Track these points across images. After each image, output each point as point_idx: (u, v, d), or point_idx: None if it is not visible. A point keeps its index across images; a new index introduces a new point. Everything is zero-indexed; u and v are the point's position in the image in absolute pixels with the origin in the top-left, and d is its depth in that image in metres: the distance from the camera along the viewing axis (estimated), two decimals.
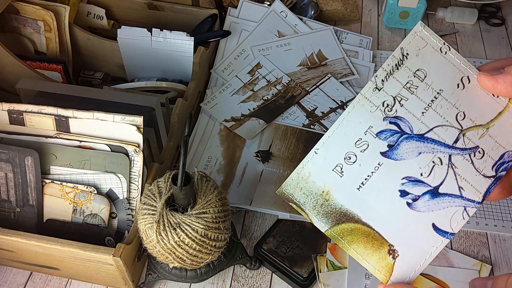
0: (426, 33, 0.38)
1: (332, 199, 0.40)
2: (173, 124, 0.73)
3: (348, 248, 0.39)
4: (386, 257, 0.39)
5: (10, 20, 0.82)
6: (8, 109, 0.62)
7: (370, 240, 0.39)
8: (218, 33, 0.91)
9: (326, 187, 0.40)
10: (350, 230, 0.40)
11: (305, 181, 0.40)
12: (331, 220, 0.40)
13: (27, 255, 0.62)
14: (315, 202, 0.40)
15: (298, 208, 0.40)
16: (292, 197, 0.40)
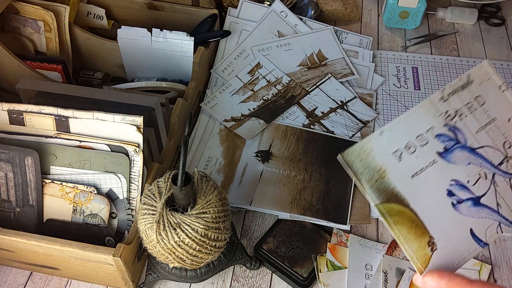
0: (491, 70, 0.45)
1: (387, 178, 0.43)
2: (173, 124, 0.73)
3: (393, 227, 0.42)
4: (425, 247, 0.42)
5: (10, 20, 0.82)
6: (8, 109, 0.62)
7: (413, 226, 0.42)
8: (218, 33, 0.91)
9: (384, 166, 0.43)
10: (397, 211, 0.42)
11: (366, 155, 0.43)
12: (383, 196, 0.42)
13: (27, 255, 0.62)
14: (371, 175, 0.43)
15: (355, 177, 0.43)
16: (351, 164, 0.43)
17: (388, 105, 0.87)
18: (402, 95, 0.89)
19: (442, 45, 0.99)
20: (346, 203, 0.71)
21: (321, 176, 0.75)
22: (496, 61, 0.95)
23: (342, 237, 0.68)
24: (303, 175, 0.75)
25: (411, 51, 0.98)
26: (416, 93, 0.89)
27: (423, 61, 0.95)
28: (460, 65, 0.94)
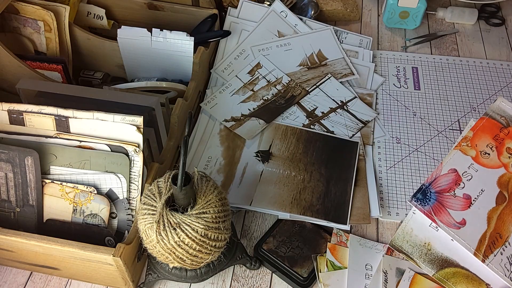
0: None
1: (433, 248, 0.48)
2: (173, 124, 0.73)
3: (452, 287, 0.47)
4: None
5: (10, 20, 0.82)
6: (8, 109, 0.62)
7: (470, 280, 0.47)
8: (218, 33, 0.91)
9: (427, 239, 0.48)
10: (452, 274, 0.48)
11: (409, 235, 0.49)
12: (436, 265, 0.48)
13: (27, 255, 0.62)
14: (420, 251, 0.49)
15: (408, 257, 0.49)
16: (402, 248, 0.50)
17: (388, 105, 0.87)
18: (402, 95, 0.89)
19: (442, 45, 0.99)
20: (346, 203, 0.71)
21: (321, 176, 0.75)
22: (496, 61, 0.95)
23: (342, 237, 0.68)
24: (303, 175, 0.75)
25: (411, 51, 0.98)
26: (416, 93, 0.89)
27: (423, 61, 0.95)
28: (460, 65, 0.94)
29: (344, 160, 0.77)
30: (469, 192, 0.50)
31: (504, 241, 0.47)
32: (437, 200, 0.49)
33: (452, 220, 0.48)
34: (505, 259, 0.47)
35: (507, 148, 0.51)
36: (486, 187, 0.50)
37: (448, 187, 0.50)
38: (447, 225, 0.48)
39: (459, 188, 0.50)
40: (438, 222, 0.48)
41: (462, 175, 0.50)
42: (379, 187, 0.75)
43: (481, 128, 0.52)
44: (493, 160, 0.51)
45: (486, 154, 0.51)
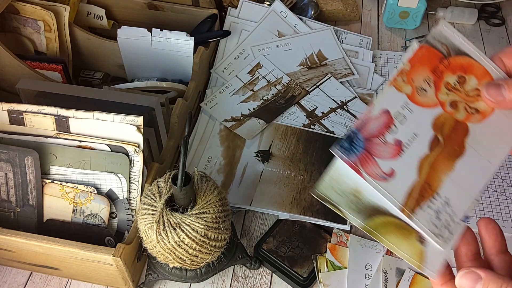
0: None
1: (363, 197, 0.42)
2: (173, 124, 0.73)
3: (382, 239, 0.42)
4: (415, 243, 0.42)
5: (10, 20, 0.82)
6: (8, 109, 0.62)
7: (400, 230, 0.42)
8: (218, 33, 0.91)
9: (356, 186, 0.42)
10: (382, 223, 0.42)
11: (338, 183, 0.42)
12: (365, 215, 0.42)
13: (27, 255, 0.62)
14: (348, 200, 0.42)
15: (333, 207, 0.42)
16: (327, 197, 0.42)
17: None
18: None
19: None
20: None
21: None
22: None
23: (342, 237, 0.68)
24: (303, 175, 0.75)
25: None
26: None
27: None
28: None
29: None
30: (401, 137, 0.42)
31: (433, 192, 0.42)
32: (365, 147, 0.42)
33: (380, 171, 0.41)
34: (433, 213, 0.42)
35: (445, 83, 0.43)
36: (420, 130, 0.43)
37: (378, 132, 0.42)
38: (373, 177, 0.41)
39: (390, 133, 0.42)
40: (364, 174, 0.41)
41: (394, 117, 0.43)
42: None
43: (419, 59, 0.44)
44: (430, 98, 0.43)
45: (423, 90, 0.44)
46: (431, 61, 0.44)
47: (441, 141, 0.43)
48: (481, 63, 0.44)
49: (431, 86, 0.44)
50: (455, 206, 0.43)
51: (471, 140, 0.43)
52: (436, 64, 0.44)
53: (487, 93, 0.42)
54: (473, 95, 0.44)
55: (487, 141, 0.44)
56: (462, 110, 0.44)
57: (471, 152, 0.44)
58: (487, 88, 0.42)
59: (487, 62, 0.44)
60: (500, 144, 0.44)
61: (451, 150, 0.43)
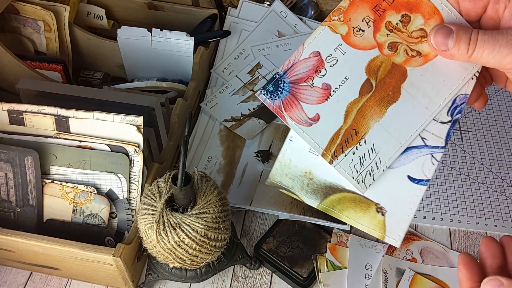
0: None
1: (315, 177, 0.41)
2: (173, 124, 0.73)
3: (340, 216, 0.41)
4: (376, 215, 0.41)
5: (10, 20, 0.82)
6: (8, 109, 0.62)
7: (358, 204, 0.41)
8: (218, 33, 0.91)
9: (307, 168, 0.41)
10: (338, 200, 0.41)
11: (288, 167, 0.41)
12: (319, 195, 0.42)
13: (27, 255, 0.62)
14: (301, 183, 0.41)
15: (289, 192, 0.42)
16: (281, 184, 0.42)
17: None
18: None
19: None
20: None
21: None
22: None
23: (342, 237, 0.68)
24: None
25: None
26: None
27: None
28: None
29: None
30: (330, 81, 0.40)
31: (359, 139, 0.40)
32: (291, 92, 0.40)
33: (304, 116, 0.40)
34: (356, 159, 0.40)
35: (387, 22, 0.40)
36: (352, 74, 0.40)
37: (306, 75, 0.40)
38: (296, 122, 0.40)
39: (319, 76, 0.40)
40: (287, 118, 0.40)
41: (325, 59, 0.40)
42: None
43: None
44: (366, 40, 0.40)
45: (360, 31, 0.40)
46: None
47: (373, 85, 0.41)
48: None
49: (369, 26, 0.41)
50: (382, 153, 0.41)
51: (408, 85, 0.41)
52: (379, 1, 0.40)
53: (433, 38, 0.39)
54: (416, 36, 0.41)
55: (427, 86, 0.41)
56: (402, 52, 0.41)
57: (406, 97, 0.41)
58: (436, 33, 0.39)
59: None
60: (441, 90, 0.41)
61: (383, 95, 0.41)
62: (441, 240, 0.69)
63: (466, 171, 0.77)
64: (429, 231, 0.70)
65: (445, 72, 0.41)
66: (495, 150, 0.80)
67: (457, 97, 0.41)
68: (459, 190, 0.75)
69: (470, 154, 0.79)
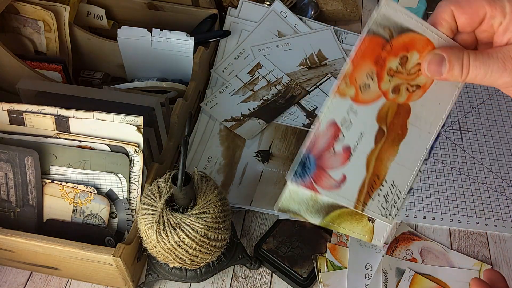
0: None
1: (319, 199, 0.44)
2: (173, 124, 0.73)
3: (338, 228, 0.46)
4: (367, 224, 0.47)
5: (10, 20, 0.82)
6: (8, 109, 0.62)
7: (353, 216, 0.46)
8: (218, 33, 0.91)
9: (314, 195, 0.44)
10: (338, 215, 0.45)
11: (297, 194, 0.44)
12: (322, 213, 0.45)
13: (27, 255, 0.62)
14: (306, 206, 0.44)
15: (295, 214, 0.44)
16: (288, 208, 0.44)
17: None
18: None
19: None
20: None
21: None
22: None
23: (342, 237, 0.68)
24: None
25: None
26: None
27: None
28: None
29: None
30: (349, 142, 0.42)
31: (381, 181, 0.43)
32: (317, 165, 0.42)
33: (333, 182, 0.42)
34: (381, 199, 0.43)
35: (388, 70, 0.42)
36: (366, 128, 0.43)
37: (328, 145, 0.42)
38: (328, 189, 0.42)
39: (338, 142, 0.42)
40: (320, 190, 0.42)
41: (341, 125, 0.42)
42: None
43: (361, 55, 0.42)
44: (373, 92, 0.42)
45: (366, 87, 0.42)
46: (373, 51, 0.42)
47: (385, 131, 0.43)
48: (424, 33, 0.42)
49: (373, 80, 0.42)
50: (400, 185, 0.44)
51: (413, 118, 0.44)
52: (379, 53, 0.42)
53: (427, 69, 0.41)
54: (414, 72, 0.43)
55: (427, 113, 0.44)
56: (404, 92, 0.43)
57: (412, 130, 0.44)
58: (429, 63, 0.41)
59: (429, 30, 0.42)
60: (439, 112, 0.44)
61: (394, 135, 0.44)
62: (441, 240, 0.69)
63: (466, 171, 0.77)
64: (429, 231, 0.70)
65: (440, 95, 0.44)
66: (495, 150, 0.80)
67: None
68: (459, 190, 0.75)
69: (470, 154, 0.79)
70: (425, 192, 0.74)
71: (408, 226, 0.70)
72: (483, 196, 0.74)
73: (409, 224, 0.71)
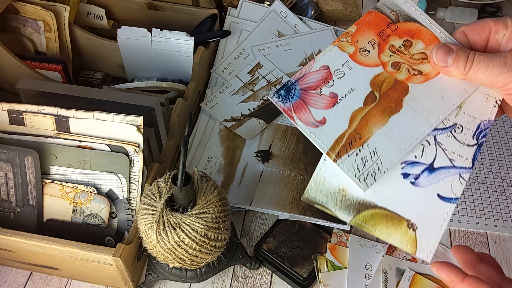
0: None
1: (348, 194, 0.45)
2: (173, 124, 0.73)
3: (373, 230, 0.44)
4: (407, 231, 0.44)
5: (10, 20, 0.82)
6: (8, 109, 0.62)
7: (389, 220, 0.44)
8: (218, 33, 0.91)
9: (341, 185, 0.45)
10: (370, 216, 0.44)
11: (323, 185, 0.45)
12: (353, 211, 0.44)
13: (27, 255, 0.62)
14: (335, 199, 0.45)
15: (323, 208, 0.45)
16: (316, 200, 0.45)
17: None
18: None
19: None
20: None
21: None
22: None
23: (342, 237, 0.68)
24: (303, 175, 0.75)
25: None
26: None
27: None
28: None
29: None
30: (337, 91, 0.46)
31: (362, 142, 0.45)
32: (301, 97, 0.46)
33: (312, 119, 0.45)
34: (359, 159, 0.44)
35: (390, 45, 0.47)
36: (357, 86, 0.46)
37: (316, 84, 0.46)
38: (305, 123, 0.45)
39: (327, 86, 0.46)
40: (296, 119, 0.45)
41: (333, 72, 0.47)
42: None
43: (366, 23, 0.48)
44: (371, 58, 0.47)
45: (365, 51, 0.47)
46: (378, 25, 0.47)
47: (377, 97, 0.46)
48: (431, 29, 0.47)
49: (374, 48, 0.47)
50: (383, 156, 0.45)
51: (410, 99, 0.46)
52: (383, 28, 0.47)
53: (435, 54, 0.45)
54: (418, 58, 0.47)
55: (426, 101, 0.46)
56: (404, 71, 0.47)
57: (407, 109, 0.46)
58: (438, 50, 0.45)
59: (437, 28, 0.47)
60: (440, 105, 0.46)
61: (386, 106, 0.46)
62: (441, 240, 0.69)
63: None
64: None
65: (444, 89, 0.46)
66: (495, 150, 0.80)
67: (481, 123, 0.46)
68: None
69: None
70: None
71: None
72: (483, 196, 0.74)
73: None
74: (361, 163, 0.44)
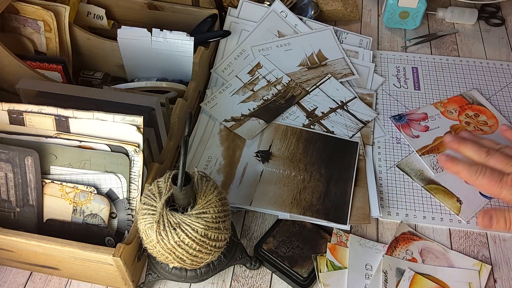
0: None
1: (424, 173, 0.76)
2: (173, 124, 0.73)
3: (435, 196, 0.73)
4: (456, 203, 0.73)
5: (10, 20, 0.82)
6: (8, 109, 0.62)
7: (446, 194, 0.73)
8: (218, 33, 0.91)
9: (420, 168, 0.77)
10: (435, 188, 0.74)
11: (410, 164, 0.77)
12: (425, 182, 0.75)
13: (27, 255, 0.62)
14: (416, 173, 0.76)
15: (408, 175, 0.76)
16: (404, 170, 0.77)
17: (388, 105, 0.87)
18: (402, 95, 0.89)
19: (442, 45, 0.99)
20: (346, 203, 0.71)
21: (321, 176, 0.75)
22: (496, 61, 0.95)
23: (342, 237, 0.68)
24: (303, 175, 0.75)
25: (411, 51, 0.98)
26: (416, 93, 0.89)
27: (423, 61, 0.95)
28: (460, 65, 0.94)
29: (344, 160, 0.77)
30: (429, 125, 0.82)
31: (438, 151, 0.78)
32: (407, 122, 0.83)
33: (411, 134, 0.81)
34: (433, 159, 0.77)
35: (466, 113, 0.84)
36: (441, 126, 0.82)
37: (418, 119, 0.83)
38: (407, 135, 0.81)
39: (424, 122, 0.83)
40: (402, 132, 0.81)
41: (429, 117, 0.83)
42: (379, 187, 0.75)
43: (453, 99, 0.87)
44: (453, 116, 0.83)
45: (450, 112, 0.84)
46: (460, 102, 0.86)
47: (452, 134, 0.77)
48: (492, 111, 0.84)
49: (456, 112, 0.84)
50: None
51: None
52: (463, 104, 0.85)
53: (482, 222, 0.59)
54: (481, 123, 0.82)
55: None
56: (472, 127, 0.82)
57: None
58: (483, 218, 0.59)
59: (496, 111, 0.84)
60: None
61: None
62: (441, 240, 0.69)
63: None
64: (429, 231, 0.70)
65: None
66: None
67: None
68: None
69: None
70: (425, 192, 0.74)
71: (408, 226, 0.70)
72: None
73: (409, 224, 0.71)
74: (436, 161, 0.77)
